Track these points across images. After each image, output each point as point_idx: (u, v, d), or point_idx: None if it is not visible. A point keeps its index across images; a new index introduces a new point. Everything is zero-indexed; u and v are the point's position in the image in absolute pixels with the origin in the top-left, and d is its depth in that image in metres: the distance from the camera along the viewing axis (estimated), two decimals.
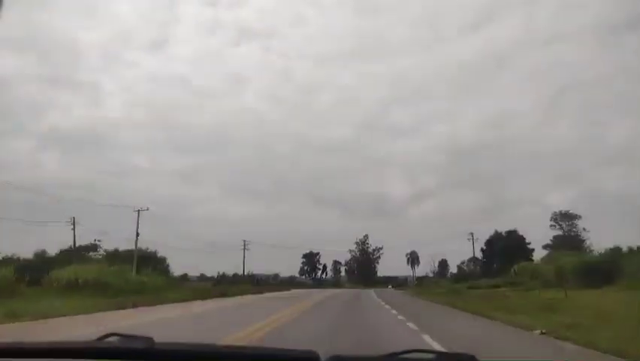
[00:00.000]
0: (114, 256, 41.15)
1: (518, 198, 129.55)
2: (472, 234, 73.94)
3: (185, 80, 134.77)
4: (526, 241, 79.42)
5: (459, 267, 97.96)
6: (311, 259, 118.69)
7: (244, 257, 70.52)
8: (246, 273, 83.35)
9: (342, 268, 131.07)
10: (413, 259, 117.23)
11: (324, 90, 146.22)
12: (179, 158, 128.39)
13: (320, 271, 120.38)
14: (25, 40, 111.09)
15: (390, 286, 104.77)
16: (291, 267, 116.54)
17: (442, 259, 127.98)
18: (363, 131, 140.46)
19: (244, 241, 73.78)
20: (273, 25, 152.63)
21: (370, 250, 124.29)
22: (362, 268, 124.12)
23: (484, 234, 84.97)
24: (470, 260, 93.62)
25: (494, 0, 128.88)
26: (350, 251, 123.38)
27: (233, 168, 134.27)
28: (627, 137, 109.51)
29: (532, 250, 76.31)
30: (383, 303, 26.19)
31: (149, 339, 1.57)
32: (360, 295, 38.53)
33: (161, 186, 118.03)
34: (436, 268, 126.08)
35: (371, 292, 49.32)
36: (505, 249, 74.42)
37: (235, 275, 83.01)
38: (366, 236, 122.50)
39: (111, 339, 1.70)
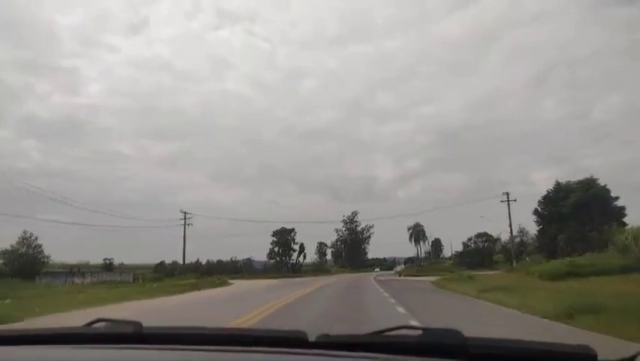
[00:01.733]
0: None
1: (506, 178, 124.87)
2: (507, 194, 48.88)
3: (166, 64, 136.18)
4: (612, 195, 46.62)
5: (465, 244, 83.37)
6: (283, 238, 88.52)
7: (184, 238, 49.70)
8: (196, 260, 67.98)
9: (329, 251, 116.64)
10: (417, 233, 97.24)
11: (309, 75, 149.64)
12: (162, 143, 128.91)
13: (296, 253, 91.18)
14: None
15: (376, 270, 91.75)
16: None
17: (436, 238, 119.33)
18: (350, 115, 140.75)
19: (184, 213, 49.85)
20: (255, 8, 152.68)
21: (359, 228, 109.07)
22: (350, 250, 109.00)
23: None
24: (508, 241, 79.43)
25: None
26: (337, 231, 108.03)
27: (217, 154, 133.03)
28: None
29: (623, 208, 45.50)
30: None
31: (137, 324, 1.57)
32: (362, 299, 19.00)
33: (144, 172, 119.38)
34: (429, 248, 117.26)
35: (369, 282, 33.26)
36: (582, 207, 44.88)
37: (175, 263, 65.98)
38: (354, 213, 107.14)
39: (99, 325, 1.69)
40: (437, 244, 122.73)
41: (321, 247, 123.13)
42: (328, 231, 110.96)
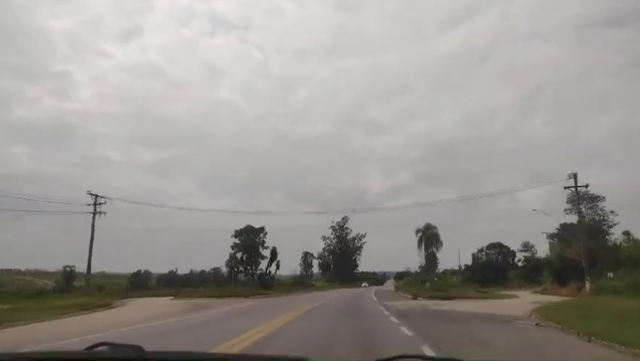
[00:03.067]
0: None
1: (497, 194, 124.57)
2: (574, 175, 35.58)
3: (159, 71, 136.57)
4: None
5: (475, 256, 71.04)
6: (249, 240, 62.01)
7: (92, 234, 34.85)
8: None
9: (316, 263, 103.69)
10: (429, 237, 72.80)
11: (302, 85, 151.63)
12: (152, 150, 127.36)
13: (268, 261, 62.27)
14: None
15: (364, 285, 78.72)
16: None
17: (431, 251, 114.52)
18: (342, 127, 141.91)
19: (94, 196, 34.99)
20: (249, 16, 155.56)
21: (350, 237, 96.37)
22: (340, 261, 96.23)
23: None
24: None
25: None
26: (324, 239, 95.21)
27: (207, 162, 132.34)
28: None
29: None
30: None
31: (139, 348, 1.58)
32: None
33: (133, 179, 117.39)
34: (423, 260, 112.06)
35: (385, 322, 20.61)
36: None
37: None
38: (345, 219, 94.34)
39: (101, 348, 1.69)
40: (432, 258, 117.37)
41: (307, 258, 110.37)
42: (316, 241, 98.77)
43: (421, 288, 59.25)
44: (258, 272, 58.63)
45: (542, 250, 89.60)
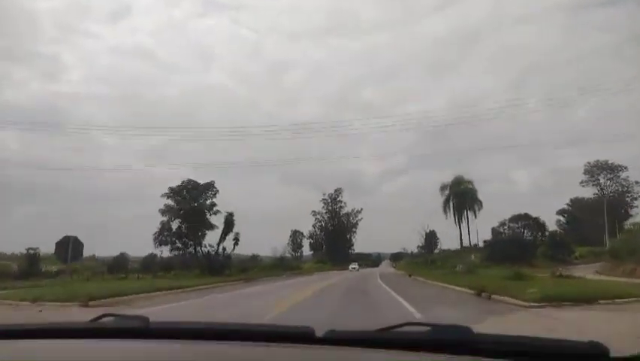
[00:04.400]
0: None
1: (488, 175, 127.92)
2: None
3: (149, 53, 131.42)
4: None
5: (496, 231, 57.88)
6: (187, 202, 41.91)
7: None
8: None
9: (307, 242, 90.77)
10: (461, 196, 49.52)
11: (295, 67, 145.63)
12: (145, 135, 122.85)
13: (222, 234, 42.66)
14: None
15: (352, 267, 62.40)
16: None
17: (430, 230, 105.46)
18: (336, 109, 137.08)
19: None
20: None
21: (345, 212, 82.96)
22: (332, 239, 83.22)
23: None
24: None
25: None
26: (314, 214, 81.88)
27: (201, 146, 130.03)
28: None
29: None
30: None
31: (144, 318, 1.57)
32: None
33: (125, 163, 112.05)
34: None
35: None
36: None
37: None
38: (338, 191, 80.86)
39: (106, 319, 1.70)
40: (432, 237, 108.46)
41: (296, 237, 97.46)
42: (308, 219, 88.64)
43: (433, 269, 46.05)
44: (202, 249, 40.77)
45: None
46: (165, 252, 41.10)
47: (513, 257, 52.66)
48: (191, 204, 40.28)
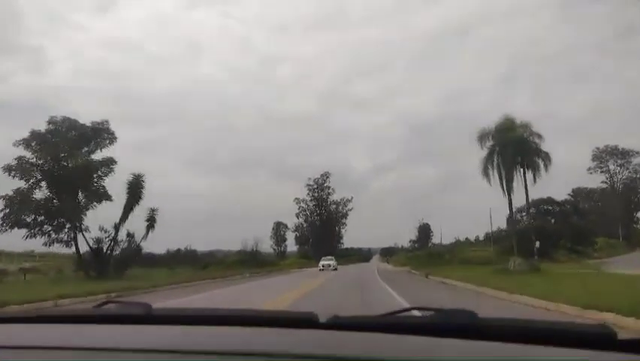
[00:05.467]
0: None
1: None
2: None
3: (137, 45, 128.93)
4: None
5: (512, 220, 48.21)
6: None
7: None
8: None
9: (293, 235, 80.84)
10: (516, 146, 29.87)
11: (285, 61, 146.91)
12: (133, 128, 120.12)
13: (123, 212, 26.16)
14: None
15: (324, 264, 42.31)
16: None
17: (424, 223, 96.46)
18: (326, 104, 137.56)
19: None
20: None
21: (333, 200, 72.70)
22: (319, 232, 73.24)
23: None
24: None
25: None
26: (298, 202, 71.63)
27: (190, 141, 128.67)
28: None
29: None
30: None
31: (147, 305, 1.57)
32: None
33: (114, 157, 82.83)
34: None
35: None
36: None
37: None
38: (325, 175, 70.64)
39: (108, 306, 1.70)
40: (425, 230, 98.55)
41: (279, 229, 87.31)
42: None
43: (443, 265, 35.30)
44: (113, 247, 25.41)
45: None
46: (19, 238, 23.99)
47: (531, 250, 43.73)
48: (63, 158, 23.93)
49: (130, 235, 26.08)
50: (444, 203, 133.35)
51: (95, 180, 25.16)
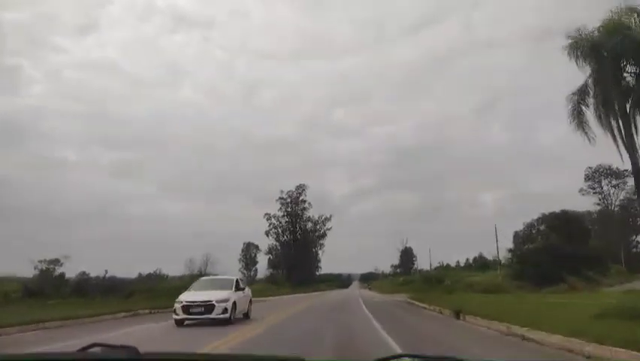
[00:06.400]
0: None
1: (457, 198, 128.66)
2: None
3: (117, 68, 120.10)
4: None
5: (517, 234, 40.41)
6: None
7: None
8: None
9: (266, 259, 71.32)
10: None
11: (266, 87, 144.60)
12: (111, 152, 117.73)
13: None
14: None
15: (185, 301, 24.63)
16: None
17: (407, 247, 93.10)
18: (307, 130, 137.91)
19: None
20: (212, 14, 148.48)
21: (308, 217, 63.65)
22: (293, 253, 64.02)
23: None
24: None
25: (436, 3, 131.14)
26: (269, 218, 62.36)
27: (169, 165, 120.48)
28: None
29: None
30: None
31: (134, 348, 1.55)
32: None
33: (91, 182, 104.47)
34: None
35: None
36: None
37: None
38: (301, 188, 61.79)
39: (94, 350, 1.66)
40: (408, 254, 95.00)
41: (249, 251, 78.12)
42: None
43: (446, 294, 25.96)
44: None
45: None
46: None
47: (545, 275, 36.17)
48: None
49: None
50: (424, 228, 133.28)
51: None
